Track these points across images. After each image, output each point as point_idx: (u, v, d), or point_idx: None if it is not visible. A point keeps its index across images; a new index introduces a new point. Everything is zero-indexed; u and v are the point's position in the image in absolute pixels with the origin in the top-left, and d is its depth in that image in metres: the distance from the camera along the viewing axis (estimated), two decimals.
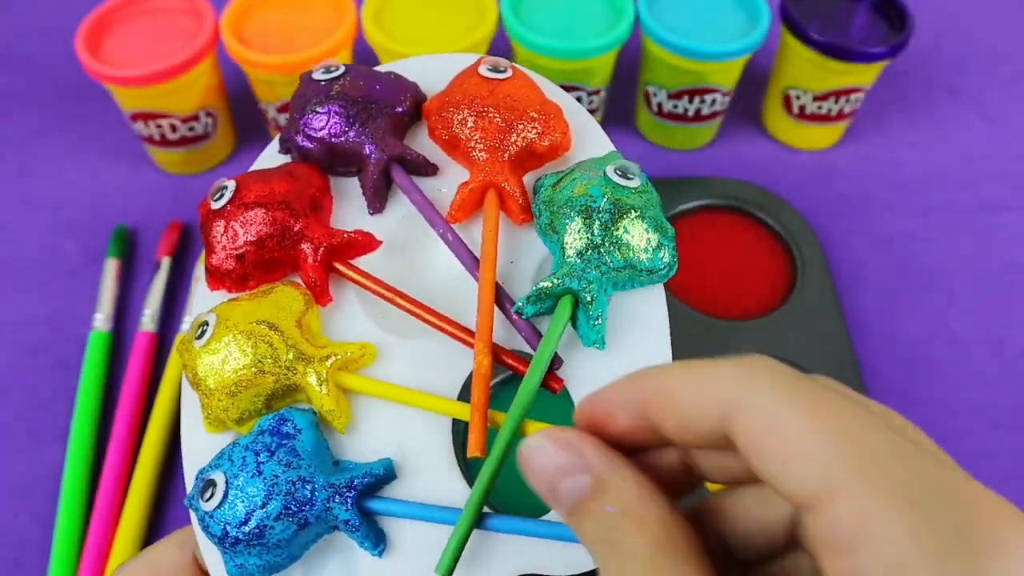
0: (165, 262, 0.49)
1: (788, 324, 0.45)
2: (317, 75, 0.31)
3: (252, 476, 0.24)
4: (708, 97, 0.53)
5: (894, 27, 0.52)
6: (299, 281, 0.29)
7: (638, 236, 0.26)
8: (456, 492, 0.26)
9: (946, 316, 0.49)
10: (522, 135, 0.29)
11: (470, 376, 0.27)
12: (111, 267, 0.49)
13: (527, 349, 0.27)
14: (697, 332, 0.45)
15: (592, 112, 0.54)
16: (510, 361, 0.27)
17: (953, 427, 0.45)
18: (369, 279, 0.28)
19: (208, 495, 0.24)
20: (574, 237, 0.26)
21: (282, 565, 0.24)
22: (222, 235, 0.28)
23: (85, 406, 0.44)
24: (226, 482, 0.24)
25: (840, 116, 0.55)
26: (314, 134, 0.30)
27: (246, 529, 0.23)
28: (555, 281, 0.26)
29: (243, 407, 0.26)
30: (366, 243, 0.29)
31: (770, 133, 0.58)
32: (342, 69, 0.31)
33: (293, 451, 0.24)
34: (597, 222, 0.26)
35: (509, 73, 0.30)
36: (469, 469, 0.26)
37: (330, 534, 0.25)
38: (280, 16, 0.51)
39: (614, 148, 0.31)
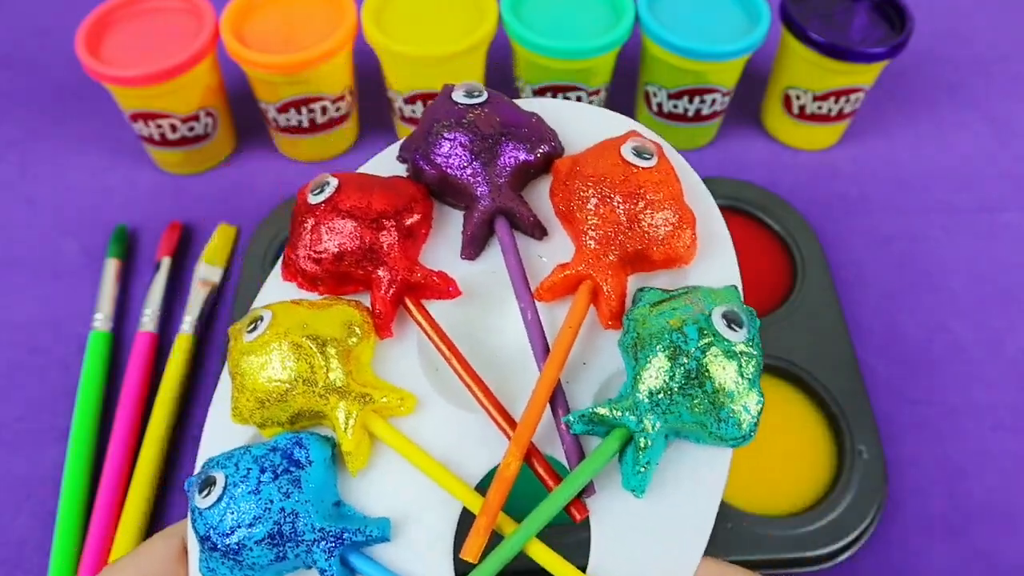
0: (165, 262, 0.49)
1: (788, 324, 0.45)
2: (457, 95, 0.29)
3: (249, 492, 0.23)
4: (708, 97, 0.53)
5: (894, 27, 0.52)
6: (366, 303, 0.28)
7: (721, 398, 0.24)
8: None
9: (946, 316, 0.49)
10: (640, 237, 0.26)
11: (495, 469, 0.25)
12: (111, 267, 0.49)
13: (564, 460, 0.25)
14: None
15: None
16: (540, 471, 0.25)
17: (953, 427, 0.45)
18: (434, 327, 0.27)
19: (205, 492, 0.24)
20: (651, 373, 0.24)
21: None
22: (308, 233, 0.27)
23: (85, 406, 0.44)
24: (224, 487, 0.23)
25: (840, 116, 0.55)
26: (433, 158, 0.28)
27: (226, 541, 0.23)
28: (613, 412, 0.24)
29: (268, 415, 0.25)
30: (444, 289, 0.28)
31: (770, 133, 0.58)
32: (484, 97, 0.29)
33: (297, 482, 0.24)
34: (681, 367, 0.23)
35: (654, 162, 0.27)
36: (458, 565, 0.25)
37: (306, 570, 0.25)
38: (280, 16, 0.51)
39: (735, 279, 0.28)
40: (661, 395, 0.24)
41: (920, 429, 0.44)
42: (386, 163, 0.31)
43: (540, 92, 0.52)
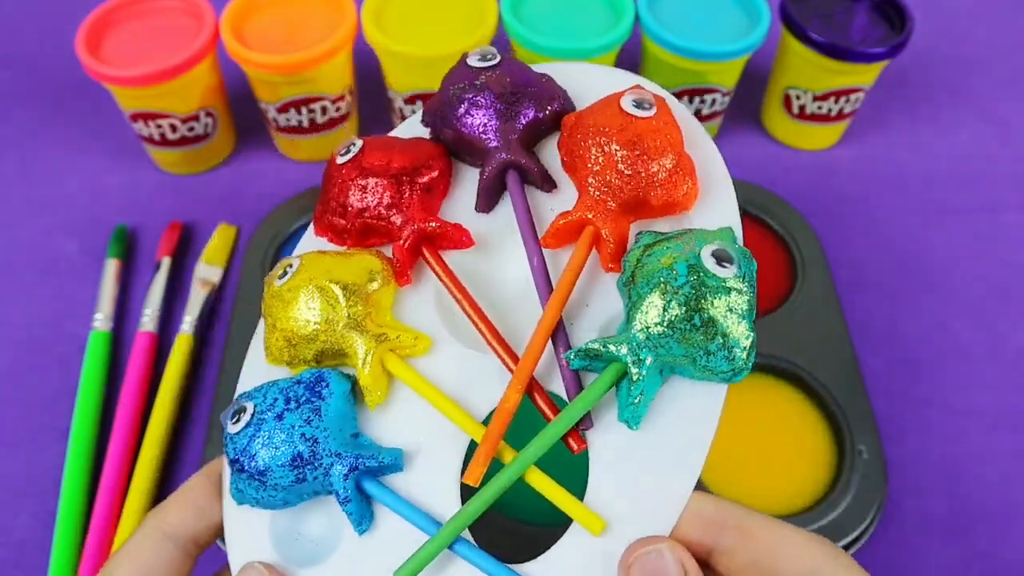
0: (165, 262, 0.49)
1: (788, 324, 0.45)
2: (472, 60, 0.31)
3: (275, 418, 0.25)
4: (708, 97, 0.53)
5: (894, 27, 0.52)
6: (388, 255, 0.29)
7: (709, 331, 0.24)
8: (447, 507, 0.26)
9: (946, 316, 0.49)
10: (638, 183, 0.27)
11: None
12: (111, 267, 0.49)
13: (565, 395, 0.27)
14: None
15: None
16: (541, 403, 0.26)
17: (953, 427, 0.45)
18: (448, 274, 0.29)
19: (236, 419, 0.26)
20: (644, 309, 0.25)
21: (274, 505, 0.26)
22: (335, 189, 0.29)
23: (85, 406, 0.44)
24: (252, 414, 0.25)
25: (840, 116, 0.55)
26: (449, 119, 0.30)
27: (252, 464, 0.25)
28: (608, 347, 0.25)
29: (295, 354, 0.27)
30: (458, 239, 0.29)
31: (770, 133, 0.58)
32: (497, 59, 0.31)
33: (317, 411, 0.26)
34: (674, 303, 0.24)
35: (652, 111, 0.28)
36: (464, 492, 0.26)
37: (327, 495, 0.26)
38: (280, 16, 0.51)
39: (735, 223, 0.28)
40: (652, 329, 0.25)
41: (920, 429, 0.44)
42: (414, 128, 0.32)
43: None
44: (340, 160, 0.30)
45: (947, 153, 0.57)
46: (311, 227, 0.31)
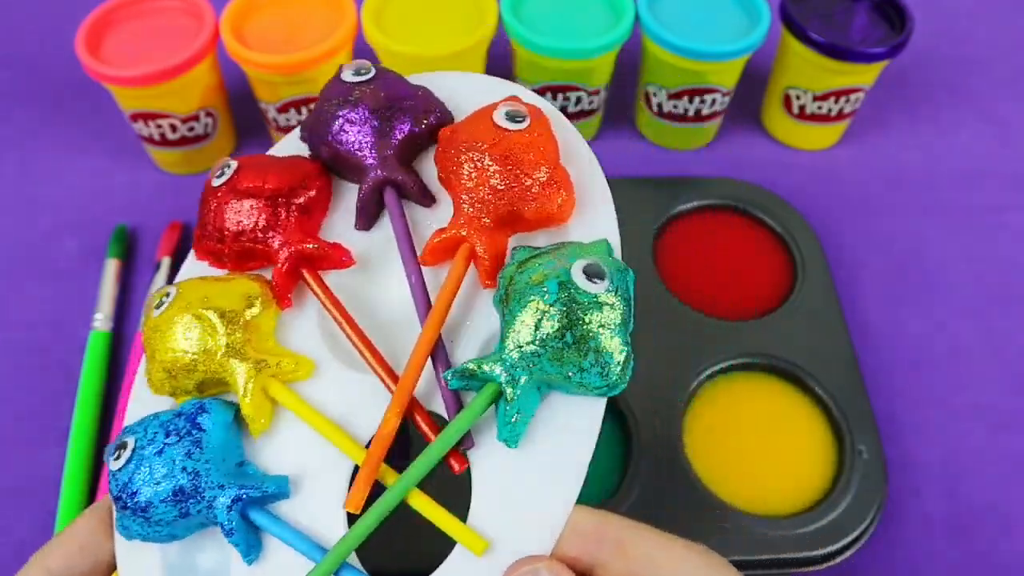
0: (165, 262, 0.49)
1: (788, 324, 0.45)
2: (346, 75, 0.31)
3: (155, 454, 0.25)
4: (708, 97, 0.53)
5: (894, 27, 0.52)
6: (268, 277, 0.29)
7: (581, 347, 0.25)
8: (334, 533, 0.26)
9: (946, 316, 0.49)
10: (511, 198, 0.27)
11: None
12: (111, 267, 0.49)
13: (446, 415, 0.27)
14: (697, 332, 0.45)
15: (592, 112, 0.55)
16: (423, 425, 0.26)
17: (953, 427, 0.45)
18: (328, 295, 0.28)
19: (117, 455, 0.25)
20: (516, 328, 0.25)
21: (161, 539, 0.26)
22: (210, 214, 0.29)
23: (85, 406, 0.44)
24: (132, 450, 0.25)
25: (840, 116, 0.55)
26: (324, 136, 0.30)
27: (134, 500, 0.25)
28: (482, 367, 0.25)
29: (176, 385, 0.27)
30: (337, 259, 0.29)
31: (770, 133, 0.58)
32: (372, 73, 0.31)
33: (198, 444, 0.25)
34: (545, 320, 0.24)
35: (525, 124, 0.28)
36: (350, 518, 0.26)
37: (215, 526, 0.26)
38: (280, 16, 0.51)
39: (612, 235, 0.28)
40: (525, 348, 0.25)
41: (920, 429, 0.44)
42: (293, 145, 0.32)
43: (540, 92, 0.52)
44: (215, 182, 0.29)
45: (947, 153, 0.57)
46: (191, 253, 0.30)
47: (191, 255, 0.31)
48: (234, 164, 0.29)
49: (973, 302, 0.50)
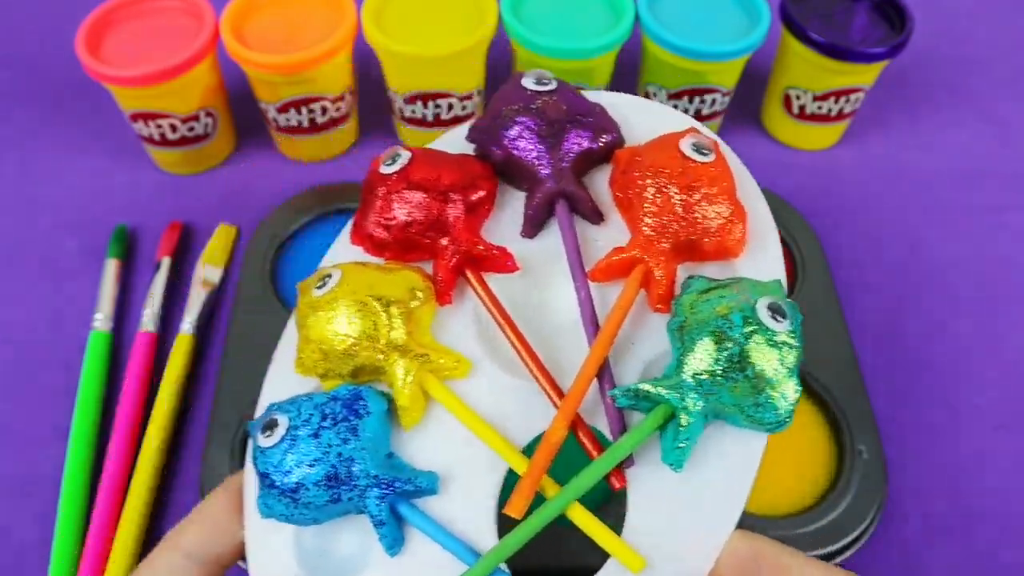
0: (165, 262, 0.49)
1: None
2: (527, 82, 0.31)
3: (310, 435, 0.25)
4: (708, 97, 0.53)
5: (894, 27, 0.52)
6: (429, 271, 0.29)
7: (760, 383, 0.25)
8: (483, 535, 0.26)
9: (946, 316, 0.49)
10: (693, 227, 0.27)
11: (542, 435, 0.26)
12: (111, 267, 0.49)
13: (608, 431, 0.27)
14: None
15: None
16: (584, 440, 0.26)
17: (953, 427, 0.45)
18: (491, 298, 0.28)
19: (268, 433, 0.25)
20: (697, 355, 0.25)
21: (303, 523, 0.25)
22: (379, 201, 0.29)
23: (85, 406, 0.44)
24: (287, 429, 0.25)
25: (840, 116, 0.55)
26: (501, 140, 0.30)
27: (285, 480, 0.24)
28: (658, 390, 0.25)
29: (330, 367, 0.27)
30: (503, 263, 0.29)
31: (770, 133, 0.58)
32: (553, 85, 0.31)
33: (354, 430, 0.25)
34: (725, 352, 0.25)
35: (711, 157, 0.28)
36: (501, 521, 0.26)
37: (357, 515, 0.26)
38: (280, 16, 0.51)
39: (780, 274, 0.29)
40: (704, 376, 0.25)
41: (920, 429, 0.44)
42: (456, 142, 0.32)
43: None
44: (385, 170, 0.29)
45: (947, 153, 0.57)
46: (345, 234, 0.30)
47: (343, 237, 0.30)
48: (406, 154, 0.29)
49: (973, 302, 0.50)
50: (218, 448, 0.41)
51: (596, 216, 0.30)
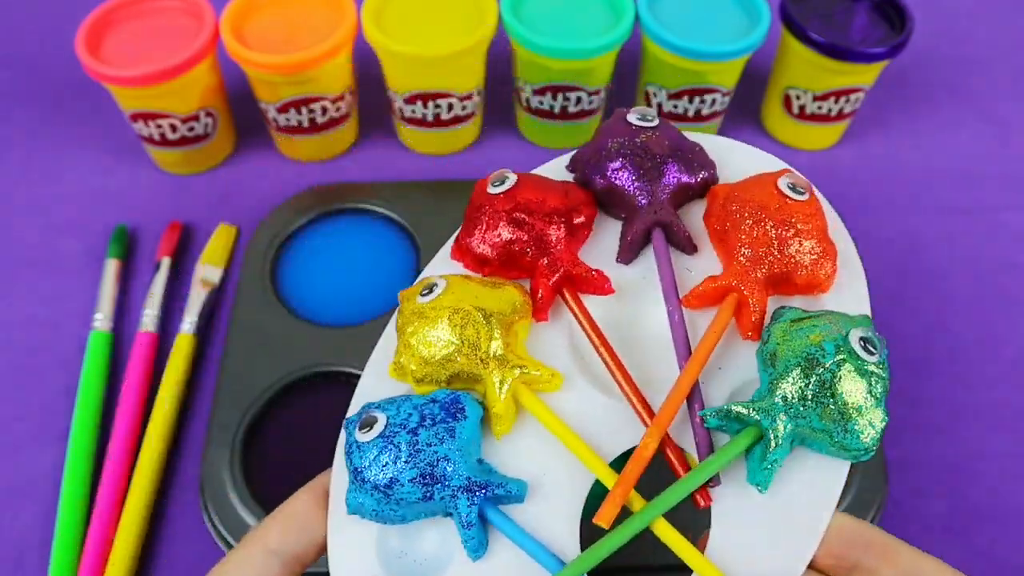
0: (165, 262, 0.49)
1: None
2: (631, 117, 0.32)
3: (408, 433, 0.26)
4: (708, 97, 0.53)
5: (894, 27, 0.52)
6: (527, 288, 0.30)
7: (849, 410, 0.26)
8: (566, 543, 0.26)
9: (946, 316, 0.49)
10: (788, 261, 0.29)
11: (629, 451, 0.27)
12: (111, 267, 0.49)
13: (693, 450, 0.27)
14: None
15: (592, 112, 0.55)
16: (672, 458, 0.27)
17: (953, 427, 0.45)
18: (587, 317, 0.29)
19: (366, 428, 0.26)
20: (788, 380, 0.26)
21: (391, 520, 0.26)
22: (486, 218, 0.30)
23: (85, 406, 0.44)
24: (385, 425, 0.26)
25: (840, 116, 0.55)
26: (604, 170, 0.31)
27: (380, 475, 0.25)
28: (751, 411, 0.26)
29: (428, 372, 0.28)
30: (600, 285, 0.30)
31: (770, 133, 0.58)
32: (656, 122, 0.32)
33: (451, 432, 0.26)
34: (817, 377, 0.26)
35: (806, 197, 0.30)
36: (584, 531, 0.26)
37: (444, 517, 0.26)
38: (280, 16, 0.51)
39: (867, 309, 0.30)
40: (795, 401, 0.26)
41: (920, 429, 0.44)
42: (557, 171, 0.33)
43: (540, 92, 0.53)
44: (493, 190, 0.31)
45: (947, 153, 0.57)
46: (446, 250, 0.32)
47: (444, 252, 0.32)
48: (513, 177, 0.31)
49: (973, 302, 0.50)
50: (218, 448, 0.41)
51: (690, 246, 0.31)
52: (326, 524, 0.27)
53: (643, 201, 0.31)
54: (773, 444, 0.26)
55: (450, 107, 0.53)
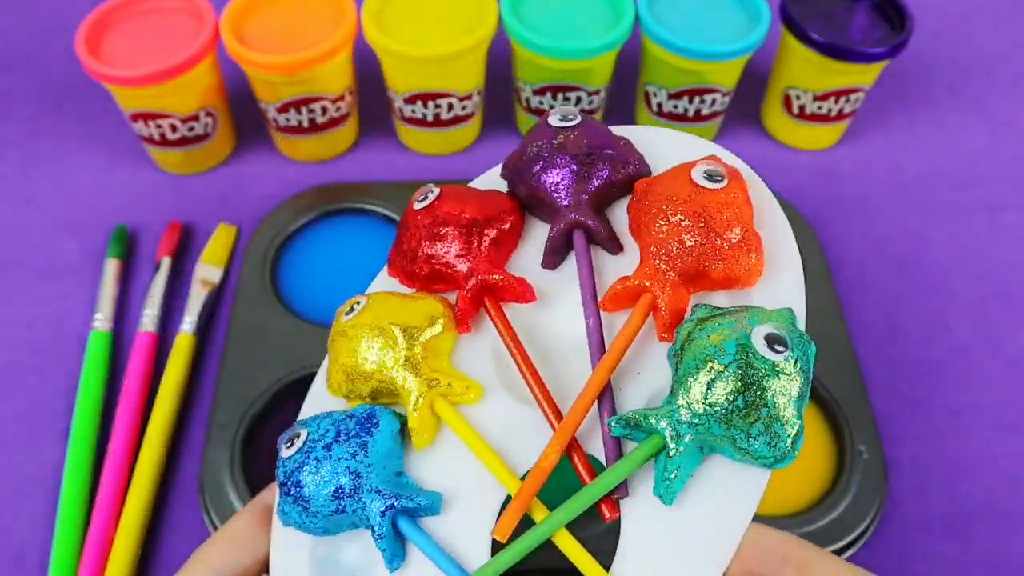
0: (165, 262, 0.49)
1: None
2: (552, 119, 0.32)
3: (323, 448, 0.26)
4: (708, 97, 0.53)
5: (894, 27, 0.52)
6: (452, 300, 0.30)
7: (752, 415, 0.24)
8: (479, 556, 0.26)
9: (946, 316, 0.49)
10: (700, 256, 0.27)
11: None
12: (111, 267, 0.49)
13: (602, 458, 0.27)
14: None
15: (592, 112, 0.55)
16: (579, 466, 0.26)
17: (953, 427, 0.45)
18: (506, 327, 0.29)
19: (289, 444, 0.27)
20: (688, 386, 0.25)
21: (315, 531, 0.27)
22: (407, 234, 0.31)
23: (85, 406, 0.44)
24: (304, 441, 0.27)
25: (840, 116, 0.55)
26: (525, 175, 0.31)
27: (298, 488, 0.26)
28: (648, 419, 0.25)
29: (352, 389, 0.28)
30: (521, 293, 0.30)
31: (770, 133, 0.58)
32: (577, 120, 0.32)
33: (364, 446, 0.26)
34: (718, 381, 0.24)
35: (722, 184, 0.28)
36: (495, 544, 0.26)
37: (366, 528, 0.27)
38: (280, 16, 0.51)
39: (798, 304, 0.28)
40: (694, 406, 0.24)
41: (920, 429, 0.44)
42: (494, 179, 0.33)
43: (540, 92, 0.52)
44: (417, 206, 0.31)
45: (947, 153, 0.57)
46: (385, 268, 0.32)
47: (383, 272, 0.32)
48: (436, 191, 0.31)
49: (973, 302, 0.50)
50: (218, 448, 0.41)
51: (614, 246, 0.31)
52: (268, 541, 0.28)
53: (563, 203, 0.30)
54: (672, 452, 0.24)
55: (450, 107, 0.53)
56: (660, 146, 0.32)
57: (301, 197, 0.52)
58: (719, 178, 0.28)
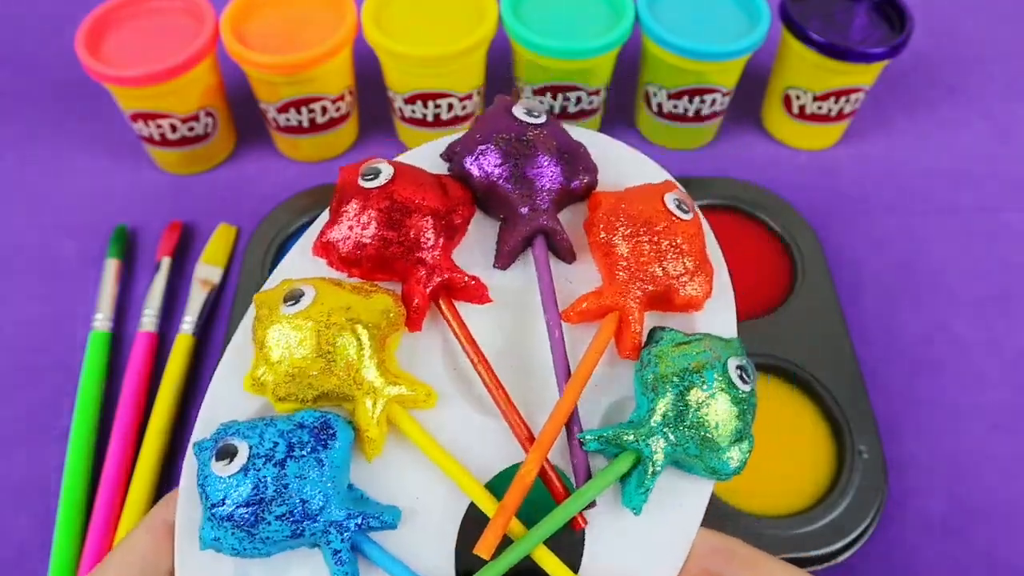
0: (165, 262, 0.49)
1: (788, 324, 0.45)
2: (518, 111, 0.30)
3: (275, 466, 0.23)
4: (708, 97, 0.53)
5: (894, 27, 0.52)
6: (398, 293, 0.28)
7: (722, 436, 0.26)
8: (440, 571, 0.25)
9: (946, 316, 0.49)
10: (671, 279, 0.28)
11: (506, 470, 0.27)
12: (111, 267, 0.49)
13: (569, 471, 0.27)
14: None
15: (592, 112, 0.55)
16: (552, 482, 0.26)
17: (953, 427, 0.45)
18: (463, 330, 0.28)
19: (225, 459, 0.23)
20: (671, 406, 0.26)
21: (252, 556, 0.24)
22: (354, 215, 0.27)
23: (85, 406, 0.44)
24: (248, 458, 0.23)
25: (840, 116, 0.55)
26: (485, 166, 0.29)
27: (244, 512, 0.23)
28: (633, 437, 0.26)
29: (293, 391, 0.25)
30: (478, 294, 0.29)
31: (770, 133, 0.58)
32: (543, 118, 0.30)
33: (321, 462, 0.24)
34: (701, 407, 0.26)
35: (690, 216, 0.29)
36: (460, 555, 0.26)
37: (311, 548, 0.25)
38: (280, 16, 0.51)
39: (732, 329, 0.30)
40: (674, 427, 0.26)
41: (920, 429, 0.44)
42: (427, 158, 0.31)
43: (540, 92, 0.52)
44: (364, 184, 0.28)
45: (947, 153, 0.57)
46: (303, 244, 0.29)
47: (302, 246, 0.29)
48: (389, 170, 0.28)
49: (973, 302, 0.50)
50: None
51: (571, 255, 0.30)
52: (171, 559, 0.25)
53: (526, 206, 0.29)
54: (652, 470, 0.26)
55: (450, 107, 0.53)
56: (604, 154, 0.32)
57: (301, 197, 0.52)
58: (687, 209, 0.30)
